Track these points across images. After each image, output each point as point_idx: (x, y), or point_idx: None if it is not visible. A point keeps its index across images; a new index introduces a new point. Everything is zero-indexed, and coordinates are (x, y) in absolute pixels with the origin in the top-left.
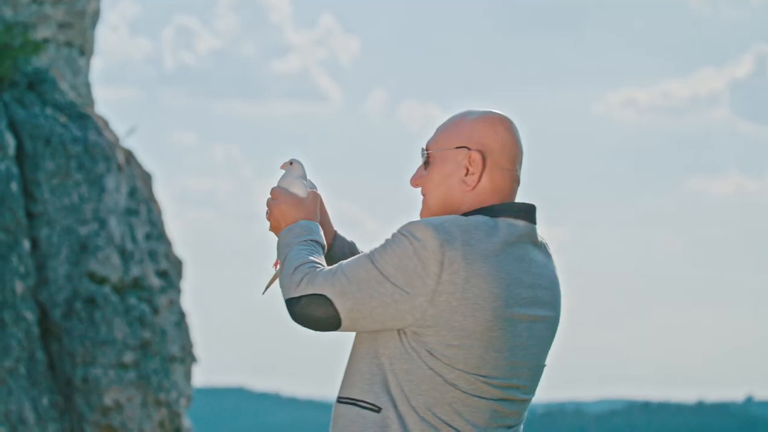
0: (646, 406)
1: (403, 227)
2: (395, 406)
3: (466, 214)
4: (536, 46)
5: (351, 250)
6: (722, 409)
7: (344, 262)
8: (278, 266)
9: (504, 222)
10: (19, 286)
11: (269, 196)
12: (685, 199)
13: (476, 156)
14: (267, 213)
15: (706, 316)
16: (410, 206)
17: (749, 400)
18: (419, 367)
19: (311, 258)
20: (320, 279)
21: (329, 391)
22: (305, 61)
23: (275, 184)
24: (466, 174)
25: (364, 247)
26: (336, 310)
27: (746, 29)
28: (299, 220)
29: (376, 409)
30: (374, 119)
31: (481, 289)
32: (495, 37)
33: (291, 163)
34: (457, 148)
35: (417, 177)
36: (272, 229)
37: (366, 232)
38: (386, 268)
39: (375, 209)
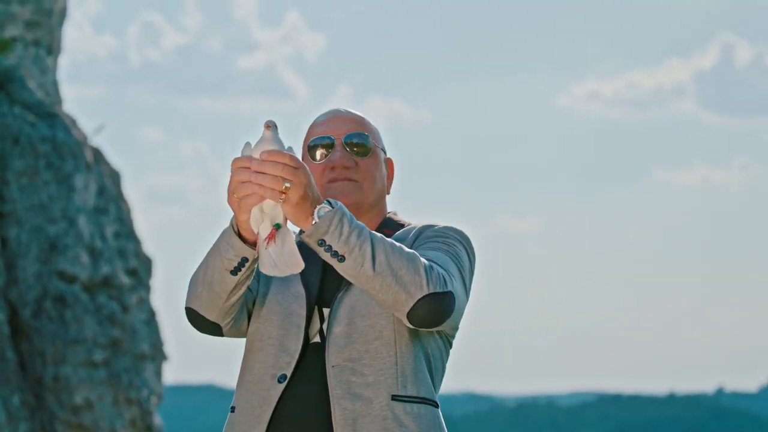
0: (617, 399)
1: (450, 229)
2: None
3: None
4: (500, 38)
5: None
6: (693, 400)
7: (434, 257)
8: (271, 241)
9: None
10: None
11: (282, 160)
12: (651, 190)
13: (392, 164)
14: (288, 182)
15: (675, 308)
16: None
17: (720, 392)
18: (444, 363)
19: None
20: (447, 276)
21: None
22: (271, 57)
23: (267, 147)
24: (388, 177)
25: None
26: (454, 309)
27: (711, 18)
28: (334, 199)
29: (437, 406)
30: None
31: None
32: (458, 30)
33: (276, 126)
34: (381, 149)
35: (350, 160)
36: (299, 201)
37: None
38: (466, 272)
39: None
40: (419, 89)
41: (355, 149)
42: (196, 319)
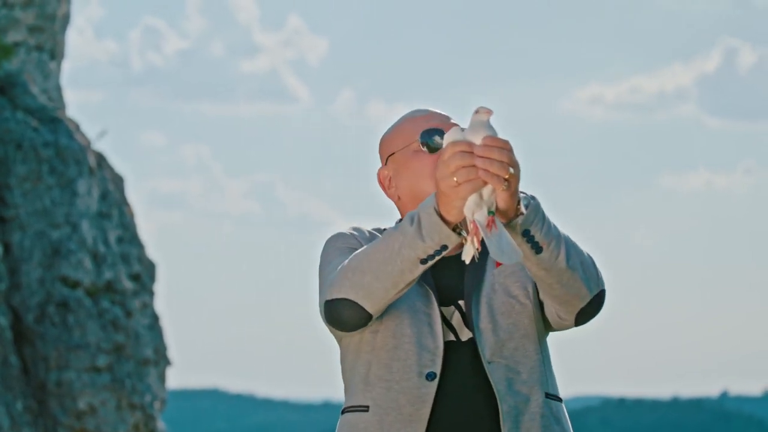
0: (621, 403)
1: None
2: None
3: None
4: (503, 43)
5: None
6: (697, 404)
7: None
8: (493, 227)
9: None
10: None
11: (506, 146)
12: (656, 195)
13: None
14: (513, 169)
15: (679, 312)
16: (379, 206)
17: (724, 396)
18: None
19: None
20: None
21: (303, 392)
22: (273, 61)
23: (486, 132)
24: None
25: None
26: None
27: (714, 23)
28: None
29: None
30: (343, 119)
31: None
32: (462, 35)
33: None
34: None
35: None
36: (517, 189)
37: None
38: None
39: (344, 209)
40: (422, 94)
41: None
42: (349, 309)
